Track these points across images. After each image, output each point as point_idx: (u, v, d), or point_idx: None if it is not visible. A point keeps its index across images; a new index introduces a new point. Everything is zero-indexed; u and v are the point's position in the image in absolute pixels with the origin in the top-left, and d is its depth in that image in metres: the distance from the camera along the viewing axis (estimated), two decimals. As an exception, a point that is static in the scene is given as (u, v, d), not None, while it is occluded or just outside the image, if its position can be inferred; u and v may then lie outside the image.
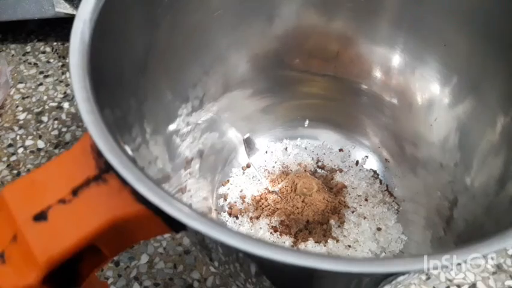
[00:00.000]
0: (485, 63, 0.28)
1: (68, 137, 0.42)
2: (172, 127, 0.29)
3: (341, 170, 0.36)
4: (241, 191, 0.35)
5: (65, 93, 0.45)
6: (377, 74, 0.34)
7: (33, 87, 0.46)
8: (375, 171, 0.36)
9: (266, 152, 0.37)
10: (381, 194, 0.35)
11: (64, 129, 0.42)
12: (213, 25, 0.30)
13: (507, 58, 0.26)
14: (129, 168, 0.15)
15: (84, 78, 0.17)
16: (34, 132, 0.42)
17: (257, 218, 0.33)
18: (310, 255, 0.14)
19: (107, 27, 0.20)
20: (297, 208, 0.33)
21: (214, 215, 0.33)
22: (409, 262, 0.15)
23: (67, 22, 0.22)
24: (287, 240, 0.32)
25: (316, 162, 0.37)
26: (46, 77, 0.47)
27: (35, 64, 0.48)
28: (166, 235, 0.34)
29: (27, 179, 0.17)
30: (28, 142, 0.41)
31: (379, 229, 0.33)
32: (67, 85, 0.46)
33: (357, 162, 0.37)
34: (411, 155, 0.34)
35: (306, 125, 0.38)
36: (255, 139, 0.37)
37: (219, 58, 0.32)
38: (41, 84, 0.46)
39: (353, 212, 0.33)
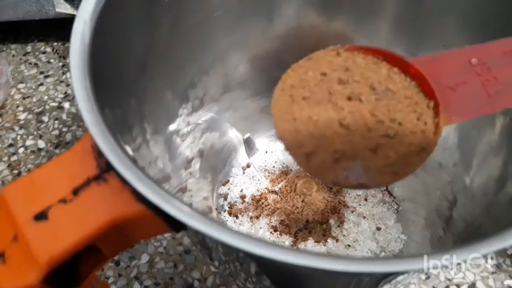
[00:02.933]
0: (484, 63, 0.28)
1: (68, 136, 0.42)
2: (172, 127, 0.29)
3: (340, 170, 0.36)
4: (241, 191, 0.35)
5: (65, 93, 0.45)
6: (377, 74, 0.34)
7: (33, 87, 0.46)
8: (375, 171, 0.36)
9: (266, 152, 0.37)
10: (380, 193, 0.35)
11: (65, 129, 0.42)
12: (213, 25, 0.30)
13: (506, 58, 0.26)
14: (129, 168, 0.15)
15: (84, 78, 0.17)
16: (35, 132, 0.42)
17: (257, 217, 0.33)
18: (310, 254, 0.14)
19: (107, 28, 0.20)
20: (297, 208, 0.33)
21: (214, 214, 0.34)
22: (409, 262, 0.15)
23: (67, 22, 0.22)
24: (287, 240, 0.32)
25: (316, 162, 0.37)
26: (47, 77, 0.47)
27: (36, 64, 0.48)
28: (167, 235, 0.34)
29: (28, 179, 0.17)
30: (29, 142, 0.41)
31: (379, 229, 0.33)
32: (68, 85, 0.46)
33: (357, 162, 0.37)
34: (411, 154, 0.34)
35: (306, 125, 0.38)
36: (255, 139, 0.37)
37: (219, 58, 0.32)
38: (41, 84, 0.46)
39: (352, 211, 0.33)
